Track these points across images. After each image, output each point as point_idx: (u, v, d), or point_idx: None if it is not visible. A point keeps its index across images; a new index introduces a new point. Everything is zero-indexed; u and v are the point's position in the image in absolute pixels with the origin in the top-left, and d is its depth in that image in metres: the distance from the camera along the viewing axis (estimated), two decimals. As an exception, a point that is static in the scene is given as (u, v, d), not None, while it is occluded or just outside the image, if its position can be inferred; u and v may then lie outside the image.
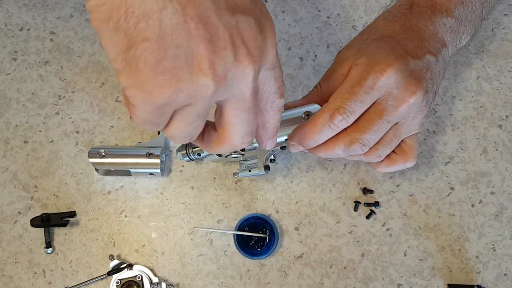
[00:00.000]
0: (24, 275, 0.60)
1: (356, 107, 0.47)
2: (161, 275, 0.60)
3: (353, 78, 0.47)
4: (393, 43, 0.49)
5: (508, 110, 0.64)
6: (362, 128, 0.48)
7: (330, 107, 0.47)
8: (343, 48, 0.55)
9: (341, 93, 0.47)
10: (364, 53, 0.49)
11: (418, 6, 0.52)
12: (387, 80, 0.46)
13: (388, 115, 0.48)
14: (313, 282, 0.60)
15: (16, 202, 0.61)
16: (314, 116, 0.48)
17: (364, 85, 0.46)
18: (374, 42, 0.50)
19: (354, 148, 0.49)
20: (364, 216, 0.62)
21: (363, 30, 0.56)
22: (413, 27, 0.51)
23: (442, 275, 0.60)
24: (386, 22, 0.53)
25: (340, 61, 0.52)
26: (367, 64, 0.47)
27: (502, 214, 0.62)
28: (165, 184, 0.62)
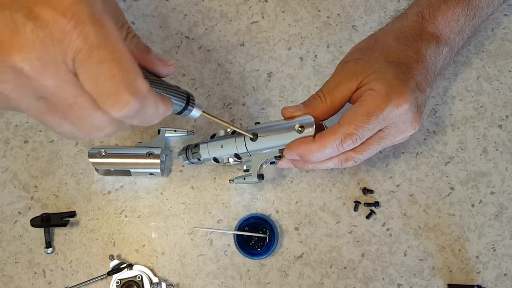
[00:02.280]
0: (24, 275, 0.60)
1: (366, 134, 0.48)
2: (161, 275, 0.60)
3: (369, 105, 0.47)
4: (408, 74, 0.50)
5: (508, 110, 0.64)
6: (359, 150, 0.51)
7: (343, 131, 0.48)
8: (349, 61, 0.53)
9: (355, 119, 0.48)
10: (380, 77, 0.49)
11: (427, 34, 0.54)
12: (399, 114, 0.48)
13: (385, 143, 0.51)
14: (313, 282, 0.60)
15: (16, 202, 0.61)
16: (323, 136, 0.49)
17: (379, 116, 0.47)
18: (390, 66, 0.50)
19: (347, 164, 0.52)
20: (364, 216, 0.62)
21: (371, 45, 0.54)
22: (422, 58, 0.52)
23: (442, 275, 0.60)
24: (399, 45, 0.52)
25: (347, 74, 0.51)
26: (385, 94, 0.47)
27: (502, 214, 0.62)
28: (165, 184, 0.62)
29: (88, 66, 0.30)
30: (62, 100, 0.32)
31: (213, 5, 0.67)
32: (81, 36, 0.30)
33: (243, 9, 0.67)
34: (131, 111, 0.32)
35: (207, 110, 0.64)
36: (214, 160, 0.56)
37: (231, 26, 0.66)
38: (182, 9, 0.66)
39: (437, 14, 0.54)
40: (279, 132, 0.51)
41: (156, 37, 0.65)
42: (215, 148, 0.55)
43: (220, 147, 0.55)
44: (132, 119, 0.34)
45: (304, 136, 0.50)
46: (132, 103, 0.32)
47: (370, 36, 0.56)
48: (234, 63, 0.65)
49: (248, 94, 0.64)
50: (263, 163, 0.54)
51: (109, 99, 0.31)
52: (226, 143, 0.54)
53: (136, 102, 0.32)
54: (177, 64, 0.65)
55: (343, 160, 0.51)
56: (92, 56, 0.30)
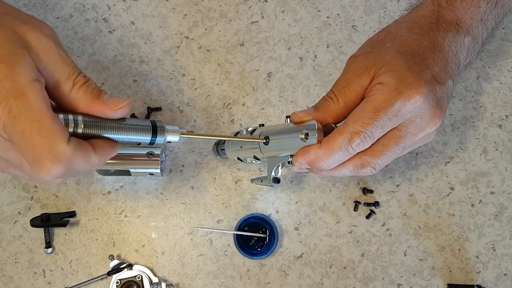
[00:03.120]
0: (24, 275, 0.60)
1: (376, 132, 0.44)
2: (161, 275, 0.60)
3: (377, 100, 0.43)
4: (422, 64, 0.45)
5: (508, 110, 0.64)
6: (376, 153, 0.46)
7: (349, 130, 0.43)
8: (359, 55, 0.49)
9: (363, 116, 0.43)
10: (390, 69, 0.44)
11: (444, 22, 0.49)
12: (413, 108, 0.43)
13: (405, 143, 0.45)
14: (313, 282, 0.60)
15: (16, 202, 0.61)
16: (329, 139, 0.44)
17: (389, 111, 0.43)
18: (401, 57, 0.45)
19: (364, 171, 0.47)
20: (364, 216, 0.62)
21: (382, 37, 0.50)
22: (439, 47, 0.47)
23: (442, 275, 0.60)
24: (412, 35, 0.48)
25: (357, 70, 0.47)
26: (395, 88, 0.43)
27: (502, 214, 0.62)
28: (165, 184, 0.62)
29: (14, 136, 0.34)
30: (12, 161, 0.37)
31: (213, 5, 0.67)
32: (5, 110, 0.33)
33: (243, 9, 0.67)
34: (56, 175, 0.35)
35: (207, 111, 0.64)
36: (238, 159, 0.56)
37: (231, 26, 0.66)
38: (182, 9, 0.66)
39: (455, 1, 0.49)
40: (288, 138, 0.48)
41: (156, 37, 0.65)
42: (236, 148, 0.55)
43: (240, 147, 0.55)
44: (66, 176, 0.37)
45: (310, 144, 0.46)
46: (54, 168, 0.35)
47: (382, 29, 0.51)
48: (234, 63, 0.65)
49: (248, 94, 0.64)
50: (279, 167, 0.52)
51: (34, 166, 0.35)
52: (244, 143, 0.54)
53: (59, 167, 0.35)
54: (177, 64, 0.65)
55: (359, 166, 0.46)
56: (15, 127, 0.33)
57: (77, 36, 0.65)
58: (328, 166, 0.46)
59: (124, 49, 0.65)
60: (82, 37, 0.65)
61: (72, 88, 0.38)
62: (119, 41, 0.65)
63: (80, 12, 0.66)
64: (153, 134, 0.42)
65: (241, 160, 0.56)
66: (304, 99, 0.64)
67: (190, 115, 0.64)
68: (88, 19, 0.65)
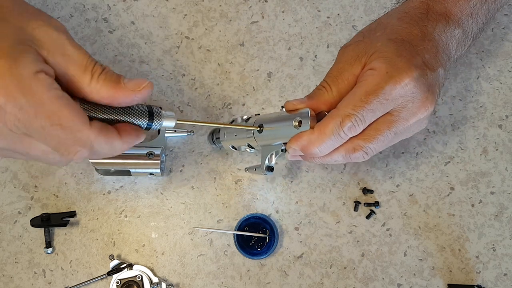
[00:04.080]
0: (24, 275, 0.60)
1: (367, 116, 0.44)
2: (161, 275, 0.60)
3: (369, 85, 0.44)
4: (412, 51, 0.46)
5: (508, 110, 0.64)
6: (368, 137, 0.46)
7: (340, 113, 0.44)
8: (350, 45, 0.49)
9: (353, 99, 0.44)
10: (381, 56, 0.45)
11: (434, 13, 0.50)
12: (404, 92, 0.44)
13: (397, 127, 0.46)
14: (313, 282, 0.60)
15: (16, 202, 0.61)
16: (321, 123, 0.45)
17: (379, 95, 0.43)
18: (391, 44, 0.46)
19: (356, 155, 0.47)
20: (364, 216, 0.62)
21: (373, 27, 0.51)
22: (430, 36, 0.48)
23: (442, 275, 0.60)
24: (402, 23, 0.48)
25: (349, 59, 0.47)
26: (386, 72, 0.43)
27: (502, 214, 0.62)
28: (165, 184, 0.62)
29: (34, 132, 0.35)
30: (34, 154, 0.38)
31: (213, 5, 0.67)
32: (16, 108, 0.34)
33: (243, 9, 0.67)
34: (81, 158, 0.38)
35: (207, 111, 0.64)
36: (232, 147, 0.57)
37: (231, 26, 0.66)
38: (182, 9, 0.66)
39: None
40: (282, 126, 0.49)
41: (156, 37, 0.65)
42: (231, 136, 0.56)
43: (235, 136, 0.55)
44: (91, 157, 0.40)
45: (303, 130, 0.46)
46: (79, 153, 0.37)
47: (373, 21, 0.53)
48: (234, 63, 0.65)
49: (248, 94, 0.65)
50: (272, 155, 0.52)
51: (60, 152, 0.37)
52: (239, 131, 0.54)
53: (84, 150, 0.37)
54: (177, 64, 0.65)
55: (351, 150, 0.46)
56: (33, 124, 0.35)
57: (77, 36, 0.65)
58: (321, 152, 0.46)
59: (124, 49, 0.65)
60: (82, 37, 0.65)
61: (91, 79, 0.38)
62: (119, 41, 0.65)
63: (80, 12, 0.66)
64: (149, 119, 0.42)
65: (235, 149, 0.57)
66: (304, 99, 0.64)
67: (190, 115, 0.64)
68: (88, 19, 0.65)
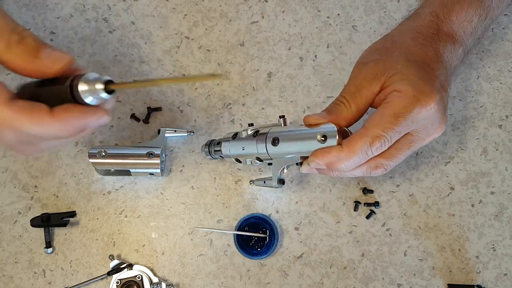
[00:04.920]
0: (24, 275, 0.60)
1: (394, 137, 0.47)
2: (161, 275, 0.60)
3: (396, 107, 0.46)
4: (431, 74, 0.49)
5: (508, 110, 0.64)
6: (389, 156, 0.49)
7: (370, 133, 0.46)
8: (368, 62, 0.51)
9: (383, 121, 0.46)
10: (404, 78, 0.47)
11: (443, 34, 0.53)
12: (428, 115, 0.47)
13: (415, 147, 0.49)
14: (313, 282, 0.60)
15: (16, 202, 0.61)
16: (350, 142, 0.46)
17: (408, 117, 0.46)
18: (412, 66, 0.49)
19: (377, 172, 0.50)
20: (364, 216, 0.62)
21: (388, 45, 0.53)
22: (442, 57, 0.51)
23: (442, 275, 0.60)
24: (417, 44, 0.51)
25: (367, 76, 0.49)
26: (412, 95, 0.46)
27: (502, 214, 0.62)
28: (165, 184, 0.62)
29: None
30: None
31: (213, 5, 0.67)
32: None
33: (243, 9, 0.67)
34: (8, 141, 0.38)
35: (207, 111, 0.64)
36: (236, 160, 0.56)
37: (231, 26, 0.66)
38: (182, 9, 0.66)
39: (451, 15, 0.53)
40: (301, 140, 0.49)
41: (156, 37, 0.65)
42: (237, 150, 0.55)
43: (242, 149, 0.54)
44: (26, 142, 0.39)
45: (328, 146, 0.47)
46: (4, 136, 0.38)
47: (385, 36, 0.55)
48: (234, 63, 0.65)
49: (248, 94, 0.64)
50: (284, 168, 0.53)
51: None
52: (247, 145, 0.54)
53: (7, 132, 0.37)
54: (177, 64, 0.65)
55: (373, 167, 0.49)
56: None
57: (77, 36, 0.65)
58: (346, 168, 0.48)
59: (124, 49, 0.65)
60: (82, 37, 0.65)
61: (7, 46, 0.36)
62: (119, 41, 0.65)
63: (80, 12, 0.66)
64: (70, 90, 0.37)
65: (239, 161, 0.56)
66: (304, 99, 0.64)
67: (190, 115, 0.64)
68: (88, 19, 0.65)
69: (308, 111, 0.64)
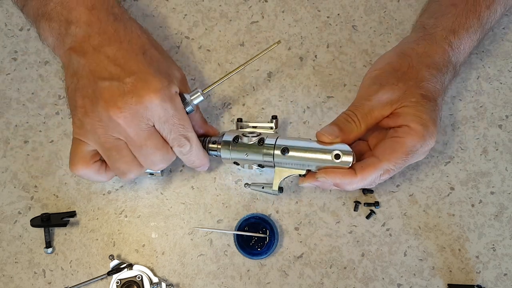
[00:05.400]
0: (24, 275, 0.60)
1: (401, 168, 0.53)
2: (161, 275, 0.60)
3: (408, 145, 0.52)
4: (437, 111, 0.54)
5: (508, 110, 0.64)
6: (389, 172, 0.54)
7: (382, 167, 0.52)
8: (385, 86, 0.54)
9: (395, 157, 0.52)
10: (417, 116, 0.52)
11: (451, 65, 0.57)
12: (428, 149, 0.53)
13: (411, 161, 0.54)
14: (313, 282, 0.60)
15: (16, 202, 0.61)
16: (364, 171, 0.51)
17: (415, 153, 0.52)
18: (425, 103, 0.53)
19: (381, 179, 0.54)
20: (364, 216, 0.62)
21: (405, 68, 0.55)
22: (444, 89, 0.56)
23: (442, 275, 0.60)
24: (431, 78, 0.54)
25: (382, 100, 0.53)
26: (422, 135, 0.52)
27: (502, 214, 0.62)
28: (165, 184, 0.62)
29: (165, 126, 0.50)
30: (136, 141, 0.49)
31: (213, 5, 0.67)
32: (162, 109, 0.49)
33: (243, 9, 0.67)
34: (185, 149, 0.52)
35: (207, 111, 0.64)
36: (235, 163, 0.56)
37: (231, 26, 0.66)
38: (182, 9, 0.66)
39: (460, 44, 0.57)
40: (314, 153, 0.52)
41: (156, 37, 0.65)
42: (239, 155, 0.55)
43: (245, 155, 0.55)
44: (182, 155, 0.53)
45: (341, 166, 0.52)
46: (186, 144, 0.52)
47: (403, 55, 0.56)
48: (234, 63, 0.65)
49: (248, 94, 0.65)
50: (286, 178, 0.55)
51: (174, 142, 0.51)
52: (252, 153, 0.54)
53: (188, 144, 0.52)
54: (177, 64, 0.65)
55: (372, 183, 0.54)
56: (170, 121, 0.50)
57: (77, 36, 0.65)
58: (353, 189, 0.53)
59: (124, 49, 0.65)
60: (82, 37, 0.65)
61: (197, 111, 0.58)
62: (119, 41, 0.65)
63: (80, 12, 0.66)
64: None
65: (237, 164, 0.56)
66: (304, 99, 0.64)
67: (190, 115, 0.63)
68: (88, 19, 0.65)
69: (308, 111, 0.64)
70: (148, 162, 0.51)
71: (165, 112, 0.49)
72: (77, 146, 0.51)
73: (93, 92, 0.49)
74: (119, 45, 0.51)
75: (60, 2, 0.52)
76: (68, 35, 0.51)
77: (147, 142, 0.50)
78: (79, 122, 0.50)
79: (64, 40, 0.52)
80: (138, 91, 0.48)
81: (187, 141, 0.52)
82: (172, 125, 0.50)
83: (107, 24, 0.52)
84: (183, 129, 0.51)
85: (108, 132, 0.49)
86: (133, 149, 0.50)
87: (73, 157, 0.51)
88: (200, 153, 0.55)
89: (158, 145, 0.51)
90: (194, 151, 0.53)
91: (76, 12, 0.51)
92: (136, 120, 0.48)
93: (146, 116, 0.48)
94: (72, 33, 0.51)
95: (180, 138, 0.51)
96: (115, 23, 0.52)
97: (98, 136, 0.49)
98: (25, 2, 0.56)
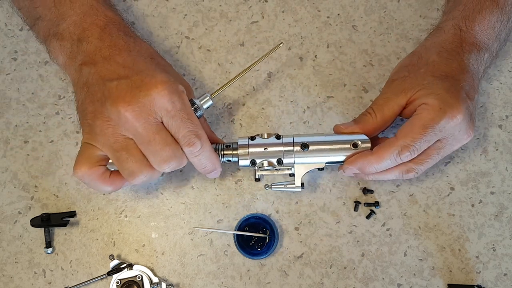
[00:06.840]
0: (24, 275, 0.60)
1: (423, 145, 0.52)
2: (161, 275, 0.60)
3: (425, 118, 0.51)
4: (457, 86, 0.53)
5: (508, 110, 0.64)
6: (419, 161, 0.54)
7: (400, 144, 0.51)
8: (397, 79, 0.56)
9: (412, 132, 0.51)
10: (431, 92, 0.52)
11: (467, 44, 0.56)
12: (454, 125, 0.51)
13: (444, 153, 0.54)
14: (313, 282, 0.60)
15: (16, 202, 0.61)
16: (380, 149, 0.52)
17: (435, 128, 0.51)
18: (438, 82, 0.53)
19: (408, 176, 0.55)
20: (364, 216, 0.62)
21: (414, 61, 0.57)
22: (466, 68, 0.55)
23: (442, 275, 0.60)
24: (442, 59, 0.55)
25: (395, 91, 0.54)
26: (439, 108, 0.50)
27: (502, 214, 0.62)
28: (165, 184, 0.62)
29: (173, 120, 0.48)
30: (144, 136, 0.48)
31: (213, 5, 0.67)
32: (170, 102, 0.48)
33: (243, 9, 0.67)
34: (196, 148, 0.50)
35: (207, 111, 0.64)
36: (251, 162, 0.55)
37: (231, 26, 0.66)
38: (182, 9, 0.66)
39: (473, 25, 0.56)
40: (333, 146, 0.54)
41: (156, 37, 0.65)
42: (257, 149, 0.55)
43: (264, 149, 0.55)
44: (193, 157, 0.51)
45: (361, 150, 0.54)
46: (197, 142, 0.50)
47: (412, 53, 0.59)
48: (234, 63, 0.65)
49: (248, 94, 0.65)
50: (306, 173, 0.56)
51: (184, 140, 0.49)
52: (271, 146, 0.55)
53: (199, 143, 0.50)
54: (177, 64, 0.65)
55: (404, 171, 0.54)
56: (178, 115, 0.48)
57: (77, 36, 0.65)
58: (376, 170, 0.54)
59: (124, 49, 0.65)
60: (82, 37, 0.65)
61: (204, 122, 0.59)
62: (119, 41, 0.65)
63: (80, 12, 0.66)
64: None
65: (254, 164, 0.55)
66: (304, 99, 0.64)
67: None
68: (88, 19, 0.65)
69: (308, 111, 0.64)
70: (158, 160, 0.49)
71: (173, 106, 0.48)
72: (84, 150, 0.50)
73: (102, 94, 0.49)
74: (128, 53, 0.52)
75: (73, 23, 0.53)
76: (80, 52, 0.53)
77: (156, 136, 0.48)
78: (89, 128, 0.50)
79: (76, 57, 0.53)
80: (145, 85, 0.48)
81: (197, 139, 0.50)
82: (180, 121, 0.49)
83: (118, 38, 0.53)
84: (192, 125, 0.49)
85: (117, 131, 0.48)
86: (142, 147, 0.49)
87: (79, 158, 0.50)
88: (213, 155, 0.53)
89: (167, 140, 0.49)
90: (205, 152, 0.51)
91: (89, 31, 0.53)
92: (145, 113, 0.47)
93: (154, 110, 0.48)
94: (84, 49, 0.52)
95: (190, 135, 0.49)
96: (126, 37, 0.54)
97: (108, 137, 0.48)
98: (35, 21, 0.56)
